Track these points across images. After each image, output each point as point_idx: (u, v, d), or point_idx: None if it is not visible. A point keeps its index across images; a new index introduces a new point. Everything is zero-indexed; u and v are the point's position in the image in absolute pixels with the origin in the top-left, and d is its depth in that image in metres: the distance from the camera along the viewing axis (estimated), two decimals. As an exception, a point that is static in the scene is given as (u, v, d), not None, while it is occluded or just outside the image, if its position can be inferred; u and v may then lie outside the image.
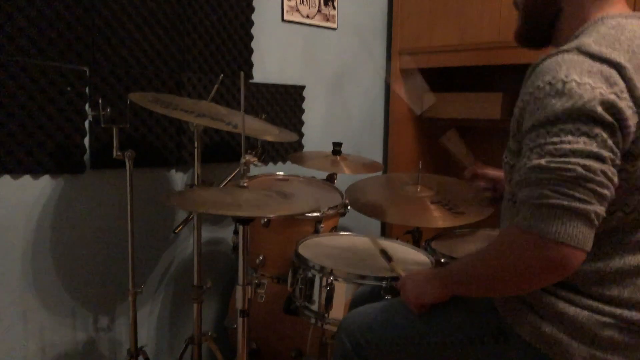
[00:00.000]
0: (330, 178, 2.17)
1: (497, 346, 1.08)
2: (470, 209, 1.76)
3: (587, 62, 0.89)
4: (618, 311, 0.96)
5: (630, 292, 0.96)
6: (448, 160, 3.08)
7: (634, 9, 2.01)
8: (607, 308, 0.97)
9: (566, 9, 1.05)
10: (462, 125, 2.92)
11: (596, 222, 0.88)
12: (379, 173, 2.33)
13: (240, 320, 1.42)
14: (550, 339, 0.99)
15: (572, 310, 0.98)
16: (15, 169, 1.57)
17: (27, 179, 1.61)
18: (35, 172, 1.61)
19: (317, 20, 2.41)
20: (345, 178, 2.21)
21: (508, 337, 1.06)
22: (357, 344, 1.24)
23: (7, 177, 1.57)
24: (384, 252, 1.49)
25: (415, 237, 1.93)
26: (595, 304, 0.97)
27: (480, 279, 1.03)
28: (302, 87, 2.38)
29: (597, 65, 0.89)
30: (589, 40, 0.93)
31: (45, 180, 1.64)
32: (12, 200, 1.59)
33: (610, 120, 0.87)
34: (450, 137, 1.62)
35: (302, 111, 2.38)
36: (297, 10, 2.32)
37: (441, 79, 2.90)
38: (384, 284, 1.42)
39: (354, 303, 1.45)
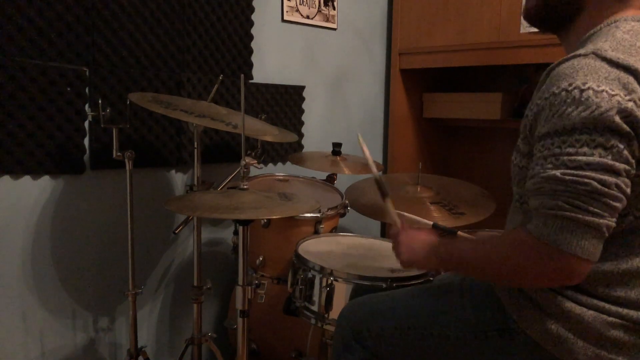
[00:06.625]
0: (330, 178, 2.17)
1: (502, 342, 1.08)
2: (470, 210, 1.76)
3: (605, 68, 0.88)
4: (624, 311, 0.96)
5: (637, 293, 0.96)
6: (448, 161, 3.09)
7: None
8: (613, 308, 0.97)
9: (588, 8, 1.03)
10: (462, 125, 2.94)
11: (607, 234, 0.89)
12: (379, 173, 2.33)
13: (240, 320, 1.42)
14: (556, 337, 0.99)
15: (578, 309, 0.98)
16: (15, 170, 1.57)
17: (27, 179, 1.60)
18: (35, 173, 1.61)
19: (317, 21, 2.41)
20: (345, 178, 2.21)
21: (513, 333, 1.06)
22: (359, 332, 1.24)
23: (7, 178, 1.56)
24: (380, 185, 1.38)
25: (415, 237, 1.93)
26: (601, 304, 0.97)
27: (480, 272, 1.04)
28: (302, 88, 2.37)
29: (614, 72, 0.88)
30: (606, 45, 0.91)
31: (45, 181, 1.64)
32: (12, 200, 1.58)
33: (627, 130, 0.86)
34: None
35: (302, 111, 2.38)
36: (297, 10, 2.32)
37: (441, 79, 2.90)
38: (383, 284, 1.42)
39: (354, 294, 1.44)
